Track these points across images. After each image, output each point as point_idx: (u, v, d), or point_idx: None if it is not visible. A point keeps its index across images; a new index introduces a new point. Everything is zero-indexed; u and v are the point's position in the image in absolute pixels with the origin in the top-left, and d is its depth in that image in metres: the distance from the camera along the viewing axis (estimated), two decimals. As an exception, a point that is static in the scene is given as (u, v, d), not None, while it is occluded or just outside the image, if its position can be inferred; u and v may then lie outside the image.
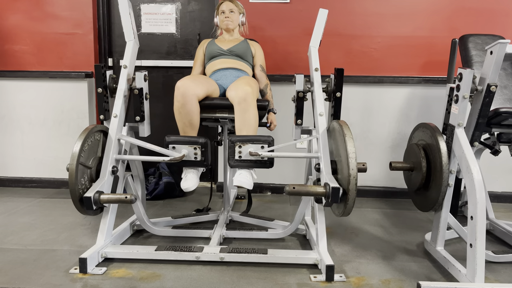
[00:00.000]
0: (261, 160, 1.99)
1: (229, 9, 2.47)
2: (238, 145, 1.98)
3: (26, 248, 2.06)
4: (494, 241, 2.27)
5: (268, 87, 2.45)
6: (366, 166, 1.84)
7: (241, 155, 1.99)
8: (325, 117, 2.05)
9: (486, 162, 2.93)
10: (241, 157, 1.99)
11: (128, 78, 2.12)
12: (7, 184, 3.23)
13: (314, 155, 2.01)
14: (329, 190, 1.75)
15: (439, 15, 2.92)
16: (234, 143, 1.98)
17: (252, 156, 1.98)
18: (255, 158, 1.98)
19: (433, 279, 1.80)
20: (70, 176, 1.81)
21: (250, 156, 1.97)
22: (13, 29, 3.09)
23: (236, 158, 1.99)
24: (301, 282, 1.75)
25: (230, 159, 1.99)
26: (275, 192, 3.15)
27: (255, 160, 1.99)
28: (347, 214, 1.81)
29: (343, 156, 1.78)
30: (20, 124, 3.18)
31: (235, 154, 1.99)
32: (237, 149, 1.98)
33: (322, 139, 1.99)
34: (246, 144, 1.98)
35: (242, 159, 1.99)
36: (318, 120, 2.04)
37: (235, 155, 1.99)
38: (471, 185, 1.67)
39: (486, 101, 1.79)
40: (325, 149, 1.96)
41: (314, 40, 2.17)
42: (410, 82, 2.96)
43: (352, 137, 1.78)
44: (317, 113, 2.05)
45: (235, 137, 1.98)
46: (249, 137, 1.99)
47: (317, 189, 1.79)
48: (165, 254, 1.90)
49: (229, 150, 1.99)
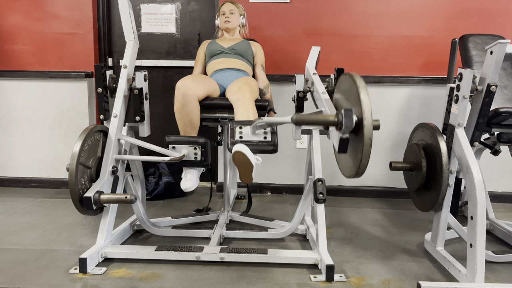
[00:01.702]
0: (264, 141, 1.83)
1: (230, 10, 2.49)
2: (239, 126, 1.87)
3: (26, 248, 2.06)
4: (494, 241, 2.27)
5: (268, 87, 2.45)
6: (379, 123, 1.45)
7: (241, 136, 1.85)
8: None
9: (486, 162, 2.94)
10: (242, 138, 1.84)
11: (128, 78, 2.12)
12: (7, 184, 3.23)
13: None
14: (342, 115, 1.40)
15: (439, 15, 2.92)
16: (235, 126, 1.86)
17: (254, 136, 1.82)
18: (258, 139, 1.83)
19: (433, 279, 1.80)
20: (70, 176, 1.81)
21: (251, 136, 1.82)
22: (13, 29, 3.09)
23: (237, 139, 1.84)
24: (301, 282, 1.75)
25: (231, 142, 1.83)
26: (275, 192, 3.15)
27: (257, 141, 1.83)
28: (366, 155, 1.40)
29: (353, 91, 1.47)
30: (20, 124, 3.18)
31: (235, 135, 1.85)
32: (237, 130, 1.85)
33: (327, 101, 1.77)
34: (247, 126, 1.86)
35: (244, 140, 1.83)
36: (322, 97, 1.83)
37: (235, 136, 1.84)
38: (471, 185, 1.67)
39: (486, 101, 1.79)
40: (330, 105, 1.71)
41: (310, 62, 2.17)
42: (410, 82, 2.96)
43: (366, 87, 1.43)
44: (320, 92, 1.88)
45: (235, 122, 1.90)
46: (250, 121, 1.88)
47: (329, 117, 1.48)
48: (165, 254, 1.90)
49: (229, 133, 1.86)
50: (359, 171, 1.45)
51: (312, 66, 2.17)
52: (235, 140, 1.83)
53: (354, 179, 3.09)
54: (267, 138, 1.85)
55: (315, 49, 2.27)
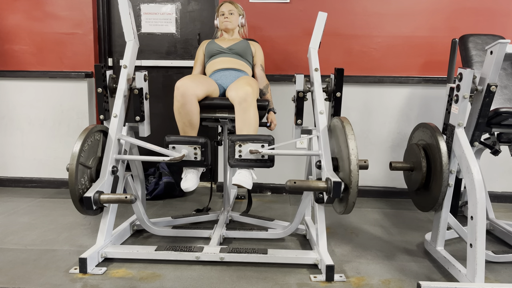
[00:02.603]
0: (262, 159, 1.98)
1: (229, 10, 2.49)
2: (238, 144, 1.97)
3: (26, 248, 2.06)
4: (494, 241, 2.27)
5: (268, 87, 2.45)
6: (367, 163, 1.84)
7: (241, 154, 1.98)
8: (326, 115, 2.05)
9: (486, 162, 2.94)
10: (241, 156, 1.98)
11: (128, 78, 2.12)
12: (7, 184, 3.23)
13: (315, 153, 2.01)
14: (331, 185, 1.74)
15: (439, 15, 2.92)
16: (234, 142, 1.97)
17: (252, 155, 1.97)
18: (256, 157, 1.97)
19: (433, 279, 1.80)
20: (70, 176, 1.81)
21: (250, 155, 1.97)
22: (13, 29, 3.09)
23: (236, 158, 1.98)
24: (301, 282, 1.75)
25: (230, 159, 1.98)
26: (275, 192, 3.15)
27: (255, 159, 1.98)
28: (349, 211, 1.80)
29: (344, 153, 1.78)
30: (20, 124, 3.18)
31: (235, 153, 1.98)
32: (237, 148, 1.97)
33: (323, 136, 1.99)
34: (246, 143, 1.97)
35: (242, 158, 1.98)
36: (319, 118, 2.04)
37: (235, 154, 1.98)
38: (471, 185, 1.67)
39: (486, 101, 1.79)
40: (326, 146, 1.96)
41: (313, 42, 2.16)
42: (410, 82, 2.96)
43: (354, 133, 1.78)
44: (318, 111, 2.05)
45: (235, 137, 1.98)
46: (249, 136, 1.98)
47: (319, 184, 1.78)
48: (165, 254, 1.90)
49: (229, 149, 1.98)
50: (346, 212, 1.84)
51: (316, 46, 2.15)
52: (234, 162, 1.98)
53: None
54: (264, 156, 1.98)
55: (322, 16, 2.16)
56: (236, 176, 1.99)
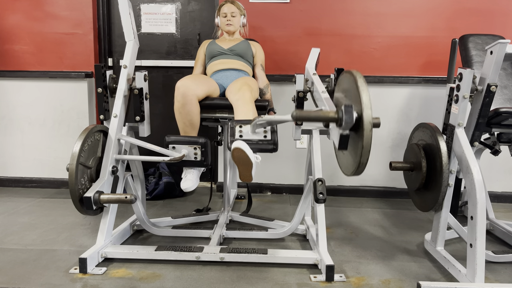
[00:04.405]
0: (264, 140, 1.86)
1: (231, 12, 2.48)
2: (239, 125, 1.88)
3: (26, 248, 2.06)
4: (494, 241, 2.27)
5: (268, 87, 2.45)
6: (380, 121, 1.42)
7: (242, 135, 1.86)
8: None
9: (486, 162, 2.94)
10: (242, 136, 1.85)
11: (128, 78, 2.12)
12: (7, 184, 3.23)
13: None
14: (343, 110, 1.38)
15: (439, 15, 2.92)
16: (235, 125, 1.87)
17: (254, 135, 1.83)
18: (258, 138, 1.85)
19: (433, 279, 1.80)
20: (70, 176, 1.81)
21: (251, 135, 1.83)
22: (13, 29, 3.09)
23: (237, 138, 1.84)
24: (301, 282, 1.75)
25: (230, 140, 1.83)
26: (275, 192, 3.15)
27: (257, 140, 1.86)
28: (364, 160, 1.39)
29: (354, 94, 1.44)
30: (20, 124, 3.18)
31: (235, 134, 1.86)
32: (237, 129, 1.87)
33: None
34: (247, 125, 1.87)
35: (244, 138, 1.84)
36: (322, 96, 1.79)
37: (235, 135, 1.86)
38: (471, 185, 1.67)
39: (486, 101, 1.79)
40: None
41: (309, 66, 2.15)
42: (410, 82, 2.96)
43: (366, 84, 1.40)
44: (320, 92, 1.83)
45: (235, 121, 1.91)
46: (250, 120, 1.89)
47: (329, 113, 1.45)
48: (165, 254, 1.90)
49: (229, 132, 1.86)
50: (359, 168, 1.43)
51: (312, 67, 2.17)
52: (235, 139, 1.83)
53: (354, 179, 3.09)
54: (267, 136, 1.86)
55: (315, 51, 2.27)
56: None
